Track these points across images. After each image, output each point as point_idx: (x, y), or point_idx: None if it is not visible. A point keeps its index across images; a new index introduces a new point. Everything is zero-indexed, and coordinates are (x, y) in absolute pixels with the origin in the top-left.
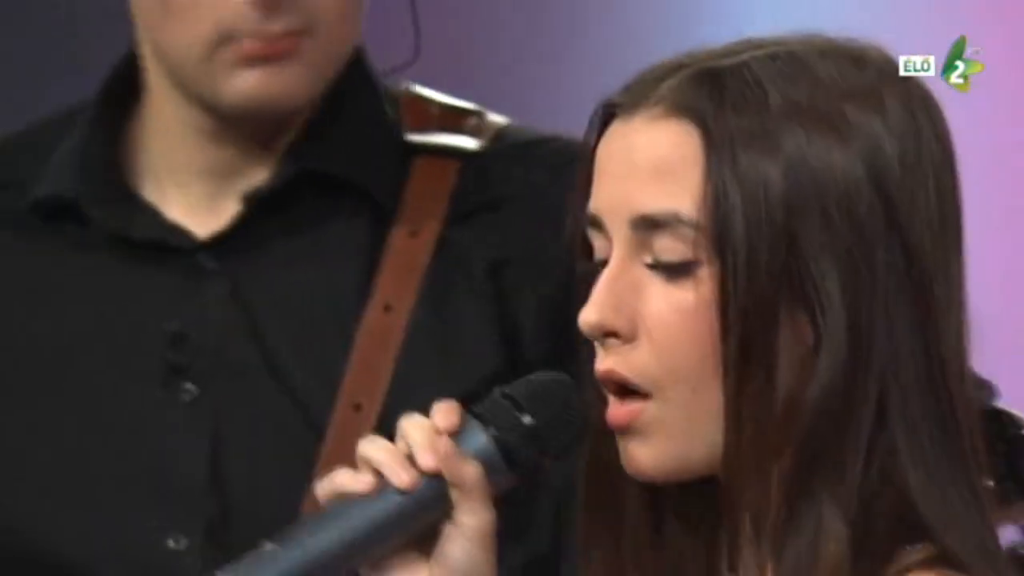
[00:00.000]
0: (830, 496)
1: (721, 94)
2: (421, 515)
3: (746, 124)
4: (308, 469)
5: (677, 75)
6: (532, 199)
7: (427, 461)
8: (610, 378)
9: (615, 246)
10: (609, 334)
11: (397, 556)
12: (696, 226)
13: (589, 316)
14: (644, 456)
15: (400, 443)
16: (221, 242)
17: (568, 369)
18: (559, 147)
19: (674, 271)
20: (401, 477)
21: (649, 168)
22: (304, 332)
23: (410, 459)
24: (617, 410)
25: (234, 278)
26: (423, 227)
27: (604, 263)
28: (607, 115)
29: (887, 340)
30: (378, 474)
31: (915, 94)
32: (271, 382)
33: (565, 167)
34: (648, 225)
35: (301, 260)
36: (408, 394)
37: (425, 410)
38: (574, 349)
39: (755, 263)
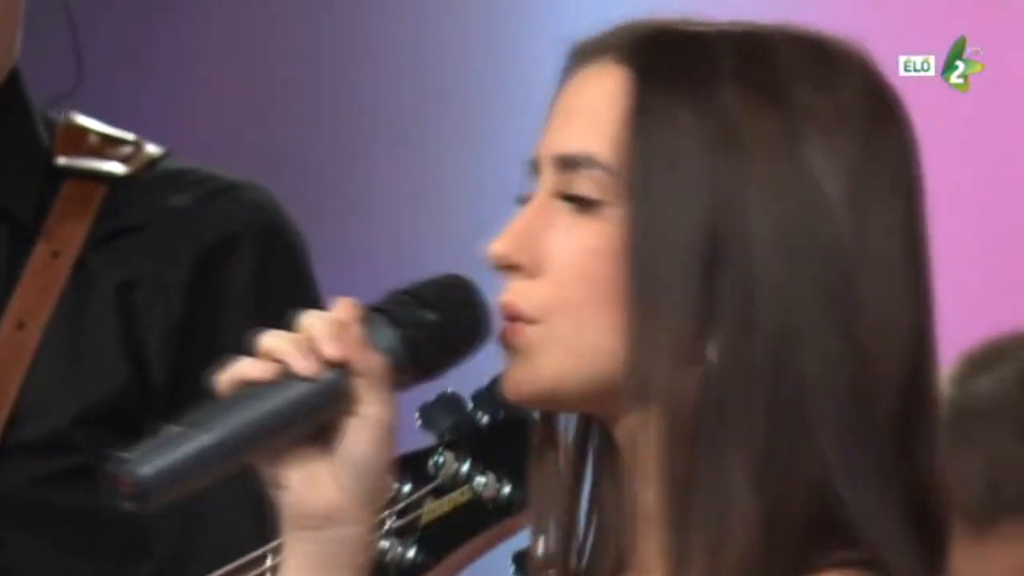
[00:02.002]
0: (739, 461)
1: (669, 50)
2: (323, 405)
3: (686, 82)
4: None
5: (634, 32)
6: (169, 223)
7: (332, 350)
8: (507, 309)
9: (541, 185)
10: (511, 267)
11: (296, 451)
12: (609, 169)
13: (494, 248)
14: (522, 375)
15: (301, 334)
16: None
17: (191, 389)
18: (207, 177)
19: (582, 210)
20: (304, 364)
21: (578, 110)
22: None
23: (313, 350)
24: (504, 328)
25: None
26: (65, 248)
27: None
28: (565, 71)
29: (801, 314)
30: (280, 363)
31: (883, 102)
32: None
33: (210, 196)
34: (566, 164)
35: None
36: (36, 409)
37: (50, 426)
38: (199, 370)
39: (670, 213)
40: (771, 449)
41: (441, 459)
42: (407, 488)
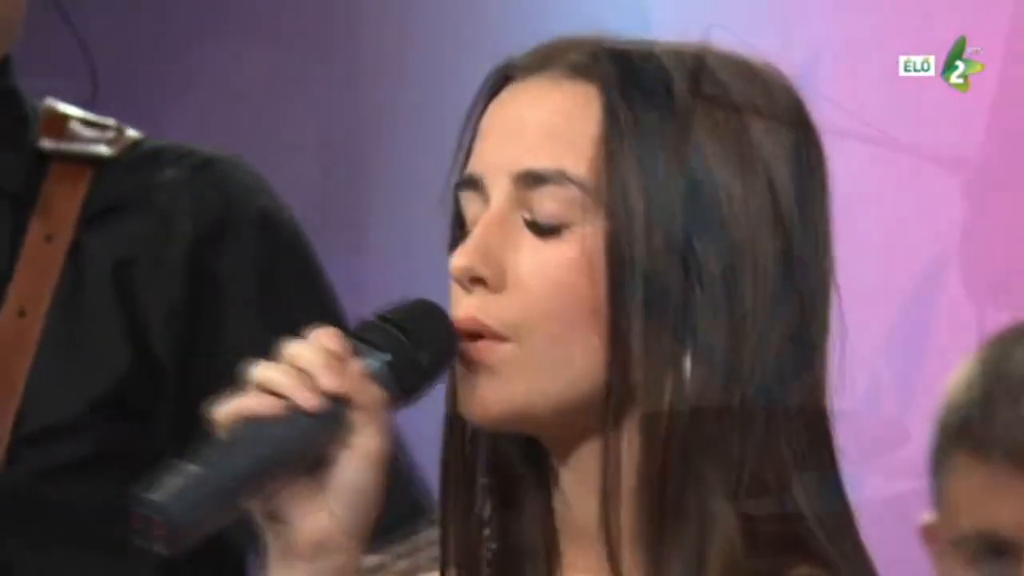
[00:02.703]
0: (717, 479)
1: (625, 66)
2: (326, 439)
3: (649, 95)
4: None
5: (582, 47)
6: (159, 199)
7: (332, 383)
8: (470, 324)
9: (493, 199)
10: (476, 280)
11: (292, 483)
12: (582, 185)
13: (460, 260)
14: (492, 394)
15: (290, 367)
16: None
17: (196, 364)
18: (191, 151)
19: (551, 227)
20: (307, 399)
21: (541, 125)
22: None
23: (312, 383)
24: (472, 346)
25: None
26: (58, 231)
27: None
28: (501, 80)
29: (763, 335)
30: (281, 397)
31: (806, 129)
32: None
33: (197, 169)
34: (531, 180)
35: None
36: (42, 398)
37: (58, 416)
38: (202, 346)
39: (650, 227)
40: (742, 461)
41: None
42: None
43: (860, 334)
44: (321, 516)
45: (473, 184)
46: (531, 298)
